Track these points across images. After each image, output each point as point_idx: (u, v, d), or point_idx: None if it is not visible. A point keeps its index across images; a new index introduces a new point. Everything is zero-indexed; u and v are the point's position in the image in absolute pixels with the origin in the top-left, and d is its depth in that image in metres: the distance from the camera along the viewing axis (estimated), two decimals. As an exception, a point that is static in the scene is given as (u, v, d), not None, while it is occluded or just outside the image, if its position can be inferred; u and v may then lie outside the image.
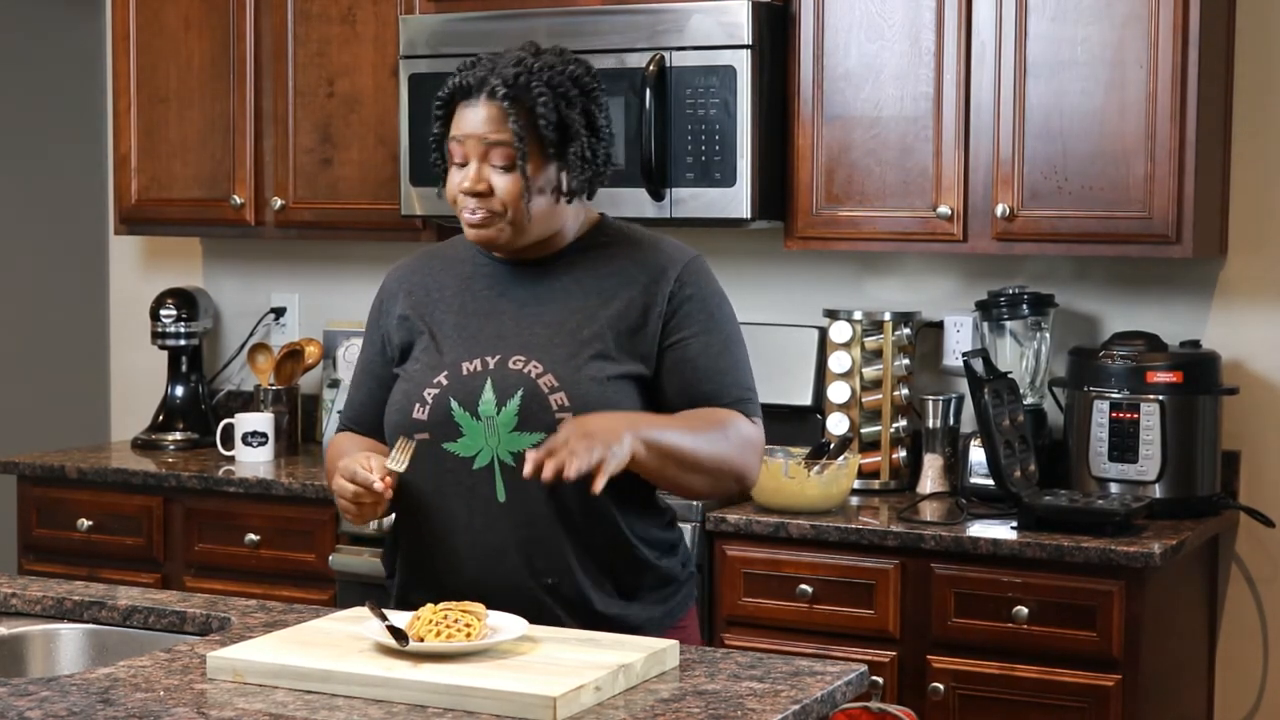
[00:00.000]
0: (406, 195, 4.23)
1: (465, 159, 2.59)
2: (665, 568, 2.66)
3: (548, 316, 2.62)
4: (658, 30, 3.93)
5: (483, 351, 2.61)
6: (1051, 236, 3.76)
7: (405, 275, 2.76)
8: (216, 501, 4.30)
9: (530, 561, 2.56)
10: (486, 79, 2.58)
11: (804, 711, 2.24)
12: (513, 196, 2.57)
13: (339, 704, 2.20)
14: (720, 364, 2.62)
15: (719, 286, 2.69)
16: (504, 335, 2.62)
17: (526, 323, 2.62)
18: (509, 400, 2.56)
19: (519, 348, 2.59)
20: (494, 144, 2.57)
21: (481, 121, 2.57)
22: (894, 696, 3.59)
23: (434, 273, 2.73)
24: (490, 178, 2.57)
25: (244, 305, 4.97)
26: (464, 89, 2.59)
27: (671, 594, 2.67)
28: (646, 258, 2.66)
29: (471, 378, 2.59)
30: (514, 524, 2.56)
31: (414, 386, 2.62)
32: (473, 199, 2.58)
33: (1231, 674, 3.97)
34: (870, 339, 4.03)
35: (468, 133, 2.58)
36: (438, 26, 4.17)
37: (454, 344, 2.63)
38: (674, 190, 3.91)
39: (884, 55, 3.87)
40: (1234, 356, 3.94)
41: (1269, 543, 3.95)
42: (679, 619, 2.69)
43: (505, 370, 2.58)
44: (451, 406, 2.58)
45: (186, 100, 4.61)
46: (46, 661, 2.71)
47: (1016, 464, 3.71)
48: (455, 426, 2.57)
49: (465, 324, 2.65)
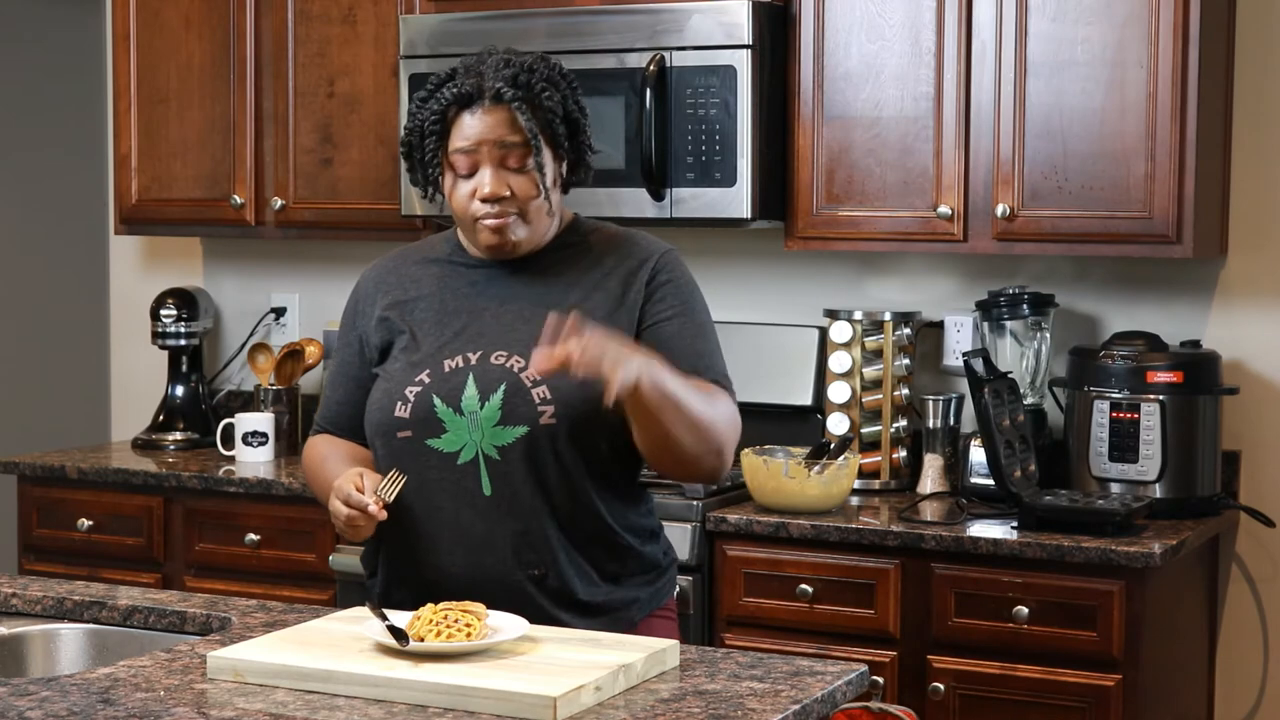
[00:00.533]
0: (406, 195, 4.23)
1: (474, 167, 2.59)
2: (649, 554, 2.69)
3: (528, 313, 2.63)
4: (658, 30, 3.93)
5: (464, 348, 2.62)
6: (1051, 236, 3.76)
7: (381, 275, 2.76)
8: (216, 501, 4.30)
9: (517, 554, 2.58)
10: (484, 84, 2.58)
11: (804, 711, 2.24)
12: (531, 196, 2.59)
13: (339, 704, 2.20)
14: (697, 347, 2.63)
15: (693, 278, 2.72)
16: (485, 332, 2.63)
17: (507, 320, 2.64)
18: (492, 395, 2.57)
19: (500, 344, 2.61)
20: (509, 146, 2.57)
21: (493, 125, 2.57)
22: (894, 696, 3.59)
23: (410, 273, 2.74)
24: (508, 180, 2.58)
25: (244, 305, 4.97)
26: (464, 97, 2.58)
27: (655, 578, 2.70)
28: (623, 250, 2.68)
29: (453, 374, 2.60)
30: (500, 517, 2.57)
31: (395, 385, 2.63)
32: (494, 205, 2.58)
33: (1231, 674, 3.97)
34: (870, 339, 4.03)
35: (479, 138, 2.57)
36: (438, 26, 4.17)
37: (434, 342, 2.65)
38: (674, 190, 3.91)
39: (884, 55, 3.87)
40: (1234, 356, 3.94)
41: (1269, 543, 3.95)
42: (664, 602, 2.72)
43: (487, 365, 2.59)
44: (434, 403, 2.59)
45: (186, 100, 4.61)
46: (46, 661, 2.71)
47: (1017, 464, 3.70)
48: (439, 423, 2.58)
49: (445, 322, 2.66)
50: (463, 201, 2.62)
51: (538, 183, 2.59)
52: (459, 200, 2.62)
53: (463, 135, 2.59)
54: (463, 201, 2.62)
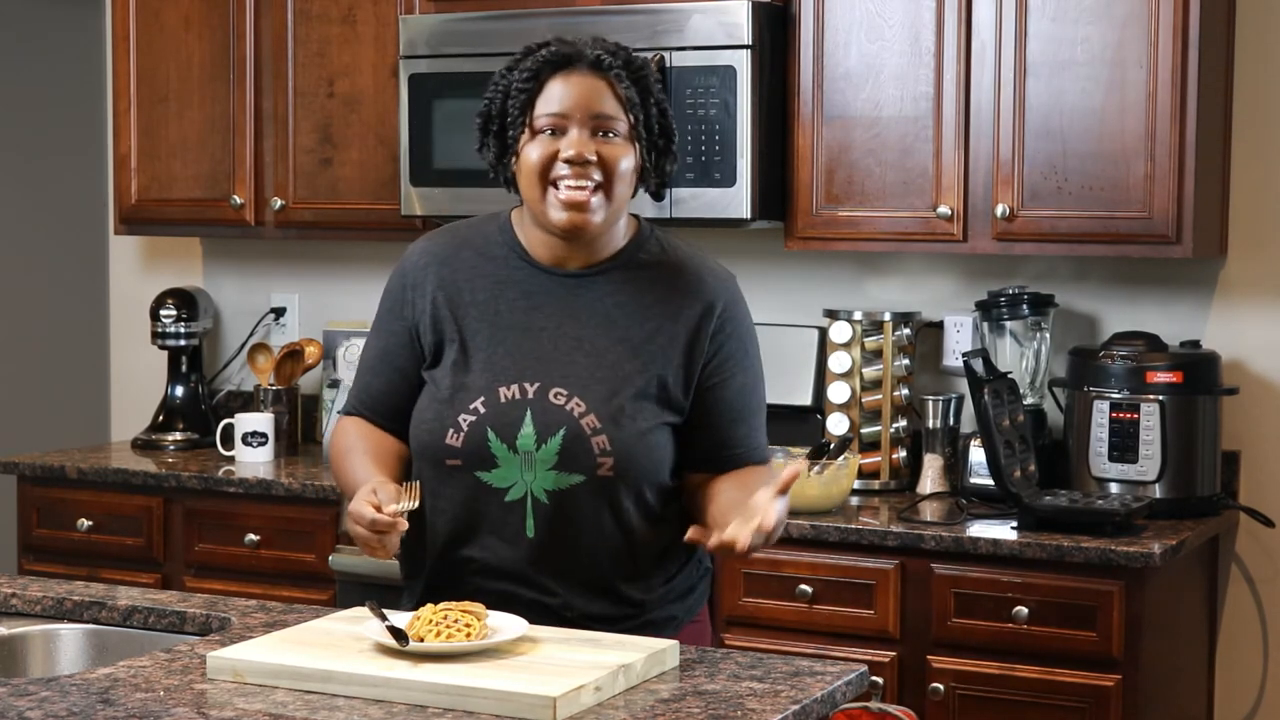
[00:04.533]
0: (406, 195, 4.23)
1: (560, 129, 2.46)
2: (679, 583, 2.63)
3: (588, 345, 2.52)
4: (658, 30, 3.93)
5: (520, 376, 2.51)
6: (1051, 236, 3.76)
7: (434, 264, 2.60)
8: (216, 501, 4.30)
9: (550, 594, 2.54)
10: (583, 51, 2.48)
11: (804, 711, 2.24)
12: (618, 168, 2.46)
13: (339, 704, 2.20)
14: (751, 403, 2.60)
15: (750, 317, 2.64)
16: (543, 359, 2.52)
17: (565, 348, 2.52)
18: (550, 438, 2.48)
19: (559, 380, 2.50)
20: (604, 115, 2.46)
21: (590, 92, 2.46)
22: (894, 696, 3.59)
23: (464, 269, 2.59)
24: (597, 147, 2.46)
25: (244, 305, 4.97)
26: (562, 58, 2.47)
27: (686, 594, 2.66)
28: (690, 286, 2.56)
29: (510, 406, 2.50)
30: (539, 558, 2.52)
31: (447, 409, 2.52)
32: (576, 167, 2.45)
33: (1231, 674, 3.97)
34: (870, 339, 4.03)
35: (575, 103, 2.45)
36: (438, 26, 4.17)
37: (488, 362, 2.53)
38: (674, 190, 3.91)
39: (884, 55, 3.87)
40: (1234, 356, 3.94)
41: (1269, 543, 3.95)
42: (695, 614, 2.68)
43: (545, 403, 2.49)
44: (489, 437, 2.50)
45: (186, 100, 4.61)
46: (46, 661, 2.71)
47: (1016, 464, 3.70)
48: (491, 457, 2.50)
49: (499, 338, 2.54)
50: (540, 162, 2.45)
51: (631, 157, 2.48)
52: (536, 161, 2.46)
53: (556, 98, 2.46)
54: (540, 162, 2.45)
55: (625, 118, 2.48)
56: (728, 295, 2.58)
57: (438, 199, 4.19)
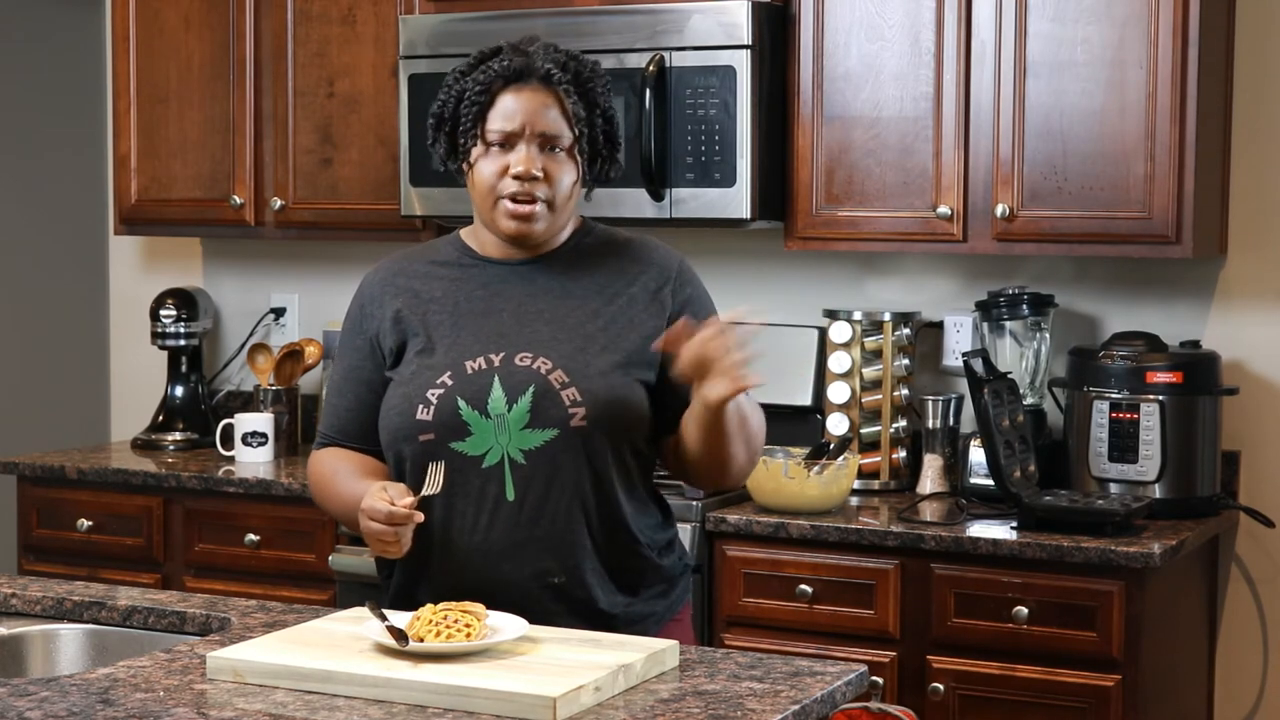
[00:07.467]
0: (406, 195, 4.23)
1: (510, 144, 2.55)
2: (666, 567, 2.67)
3: (548, 314, 2.60)
4: (657, 30, 3.93)
5: (485, 349, 2.57)
6: (1051, 236, 3.76)
7: (387, 278, 2.70)
8: (216, 502, 4.30)
9: (537, 560, 2.55)
10: (534, 64, 2.55)
11: (804, 712, 2.24)
12: (564, 183, 2.57)
13: (339, 704, 2.20)
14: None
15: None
16: (505, 333, 2.59)
17: (527, 320, 2.60)
18: (520, 397, 2.53)
19: (523, 345, 2.57)
20: (552, 130, 2.55)
21: (539, 107, 2.55)
22: (894, 697, 3.59)
23: (419, 275, 2.68)
24: (544, 163, 2.55)
25: (244, 305, 4.97)
26: (513, 73, 2.55)
27: (669, 589, 2.68)
28: (641, 256, 2.67)
29: (477, 376, 2.56)
30: (523, 523, 2.54)
31: (414, 388, 2.57)
32: (523, 184, 2.55)
33: (1231, 674, 3.97)
34: (870, 339, 4.03)
35: (524, 118, 2.54)
36: (438, 26, 4.17)
37: (452, 343, 2.59)
38: (674, 190, 3.91)
39: (884, 55, 3.87)
40: (1234, 356, 3.94)
41: (1269, 543, 3.95)
42: (677, 611, 2.70)
43: (512, 367, 2.55)
44: (459, 405, 2.54)
45: (186, 100, 4.61)
46: (46, 661, 2.71)
47: (1016, 464, 3.71)
48: (463, 425, 2.54)
49: (462, 323, 2.61)
50: (490, 177, 2.56)
51: (573, 171, 2.58)
52: (486, 175, 2.57)
53: (506, 112, 2.55)
54: (490, 177, 2.56)
55: (570, 132, 2.57)
56: (680, 263, 2.70)
57: (438, 199, 4.19)
